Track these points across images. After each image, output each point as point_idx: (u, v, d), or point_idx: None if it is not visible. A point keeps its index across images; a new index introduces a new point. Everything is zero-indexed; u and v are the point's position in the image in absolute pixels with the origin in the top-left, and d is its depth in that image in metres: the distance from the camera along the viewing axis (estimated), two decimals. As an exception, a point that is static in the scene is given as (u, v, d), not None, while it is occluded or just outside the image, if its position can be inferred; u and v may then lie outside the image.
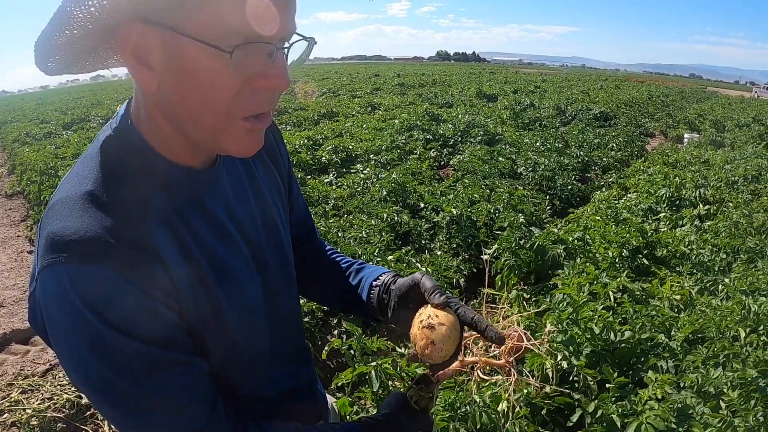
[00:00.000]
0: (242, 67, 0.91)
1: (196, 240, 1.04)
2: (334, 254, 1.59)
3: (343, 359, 4.15)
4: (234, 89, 0.92)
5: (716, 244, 5.43)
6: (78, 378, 0.94)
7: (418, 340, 1.17)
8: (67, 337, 0.90)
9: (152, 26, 0.88)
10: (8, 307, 5.80)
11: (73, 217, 0.89)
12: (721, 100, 30.59)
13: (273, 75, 0.94)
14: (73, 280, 0.86)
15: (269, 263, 1.23)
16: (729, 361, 3.28)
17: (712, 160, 10.31)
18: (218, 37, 0.87)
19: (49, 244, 0.88)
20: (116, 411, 0.96)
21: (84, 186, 0.94)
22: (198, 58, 0.89)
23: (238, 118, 0.95)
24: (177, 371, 0.96)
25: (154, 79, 0.92)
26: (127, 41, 0.90)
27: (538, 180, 8.70)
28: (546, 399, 3.14)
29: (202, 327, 1.03)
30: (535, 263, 5.18)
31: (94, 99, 32.70)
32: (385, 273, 1.42)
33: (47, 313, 0.90)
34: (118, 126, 1.04)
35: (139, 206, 0.96)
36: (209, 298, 1.04)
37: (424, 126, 13.32)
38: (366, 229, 5.90)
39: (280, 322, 1.28)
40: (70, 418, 3.84)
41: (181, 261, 0.99)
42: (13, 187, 10.97)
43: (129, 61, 0.92)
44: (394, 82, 35.20)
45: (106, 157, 0.99)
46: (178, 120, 0.98)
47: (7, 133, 19.16)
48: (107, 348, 0.89)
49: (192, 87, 0.92)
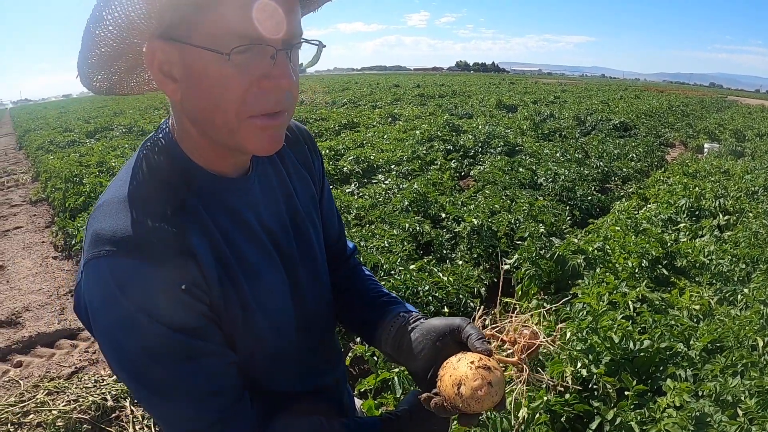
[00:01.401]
0: (246, 70, 0.99)
1: (227, 241, 1.12)
2: (369, 281, 1.58)
3: (366, 366, 4.20)
4: (240, 91, 1.00)
5: (736, 254, 5.41)
6: (115, 362, 1.03)
7: (468, 381, 1.08)
8: (106, 323, 0.99)
9: (170, 42, 0.98)
10: (34, 311, 5.93)
11: (117, 217, 1.00)
12: (742, 110, 30.19)
13: (276, 75, 1.01)
14: (114, 271, 0.96)
15: (299, 270, 1.29)
16: (747, 369, 3.29)
17: (732, 170, 10.21)
18: (220, 43, 0.96)
19: (94, 240, 0.99)
20: (148, 393, 1.04)
21: (127, 189, 1.05)
22: (205, 64, 0.98)
23: (247, 117, 1.02)
24: (206, 360, 1.05)
25: (178, 89, 1.03)
26: (153, 58, 1.00)
27: (558, 190, 8.70)
28: (566, 406, 3.19)
29: (231, 322, 1.11)
30: (556, 273, 5.21)
31: (116, 108, 32.95)
32: (414, 311, 1.40)
33: (90, 302, 1.00)
34: (158, 136, 1.14)
35: (175, 209, 1.05)
36: (238, 296, 1.12)
37: (445, 137, 13.33)
38: (388, 238, 5.95)
39: (310, 325, 1.33)
40: (95, 420, 3.92)
41: (212, 260, 1.07)
42: (38, 194, 11.15)
43: (156, 76, 1.02)
44: (414, 92, 35.18)
45: (147, 164, 1.10)
46: (200, 124, 1.07)
47: (31, 140, 19.50)
48: (142, 334, 0.97)
49: (203, 91, 1.01)
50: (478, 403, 1.08)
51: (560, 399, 3.19)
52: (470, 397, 1.08)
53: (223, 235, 1.12)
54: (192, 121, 1.09)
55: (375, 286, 1.57)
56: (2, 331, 5.46)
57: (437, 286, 4.94)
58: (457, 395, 1.09)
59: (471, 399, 1.08)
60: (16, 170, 15.49)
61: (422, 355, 1.26)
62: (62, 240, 7.87)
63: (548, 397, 3.16)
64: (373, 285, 1.57)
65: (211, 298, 1.06)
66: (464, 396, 1.08)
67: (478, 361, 1.11)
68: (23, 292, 6.46)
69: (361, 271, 1.63)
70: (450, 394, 1.10)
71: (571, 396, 3.21)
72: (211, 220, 1.11)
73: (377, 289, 1.55)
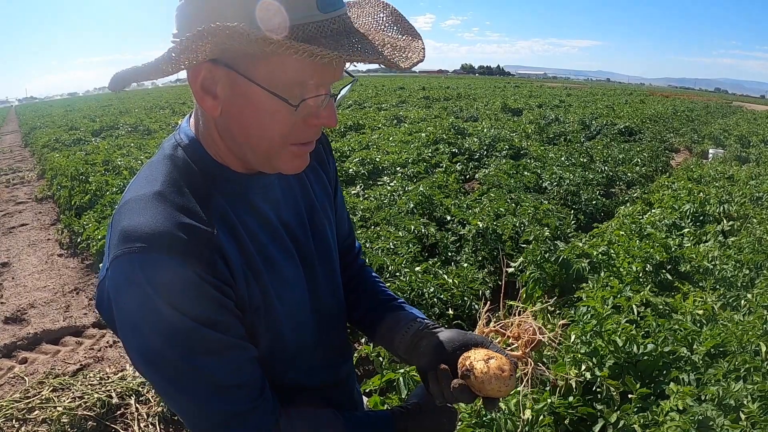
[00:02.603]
0: (299, 111, 1.04)
1: (251, 237, 1.15)
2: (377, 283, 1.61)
3: (371, 366, 4.21)
4: (289, 126, 1.06)
5: (739, 259, 5.40)
6: (137, 353, 1.04)
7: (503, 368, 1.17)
8: (132, 317, 1.01)
9: (221, 66, 1.00)
10: (39, 308, 5.96)
11: (145, 214, 1.01)
12: (747, 115, 30.14)
13: (325, 117, 1.08)
14: (144, 266, 0.97)
15: (316, 265, 1.33)
16: (750, 374, 3.30)
17: (737, 176, 10.21)
18: (281, 87, 0.99)
19: (124, 237, 0.99)
20: (172, 387, 1.07)
21: (154, 187, 1.07)
22: (262, 100, 1.01)
23: (288, 145, 1.09)
24: (230, 354, 1.07)
25: (218, 106, 1.05)
26: (197, 75, 1.02)
27: (563, 194, 8.72)
28: (569, 408, 3.20)
29: (254, 316, 1.14)
30: (560, 276, 5.22)
31: (122, 107, 33.05)
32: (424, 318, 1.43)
33: (116, 297, 1.01)
34: (180, 137, 1.17)
35: (202, 206, 1.08)
36: (260, 288, 1.14)
37: (450, 139, 13.33)
38: (393, 240, 5.97)
39: (325, 319, 1.36)
40: (100, 417, 3.94)
41: (238, 255, 1.10)
42: (43, 192, 11.21)
43: (197, 90, 1.04)
44: (419, 95, 35.14)
45: (173, 163, 1.12)
46: (236, 143, 1.10)
47: (37, 138, 19.58)
48: (169, 327, 0.99)
49: (253, 120, 1.05)
50: (503, 388, 1.16)
51: (564, 401, 3.21)
52: (497, 378, 1.15)
53: (247, 231, 1.15)
54: (223, 136, 1.12)
55: (383, 287, 1.60)
56: (8, 328, 5.49)
57: (442, 288, 4.96)
58: (486, 377, 1.15)
59: (498, 380, 1.15)
60: (21, 168, 15.58)
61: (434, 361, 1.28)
62: (68, 238, 7.90)
63: (552, 399, 3.17)
64: (381, 287, 1.60)
65: (237, 293, 1.09)
66: (492, 377, 1.15)
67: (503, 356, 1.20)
68: (28, 289, 6.50)
69: (368, 272, 1.66)
70: (480, 376, 1.16)
71: (575, 398, 3.23)
72: (236, 217, 1.13)
73: (385, 291, 1.58)
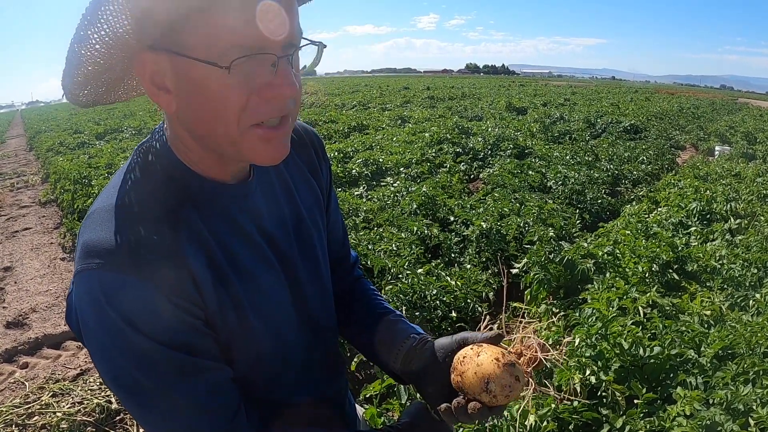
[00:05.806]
0: (246, 80, 0.94)
1: (220, 246, 1.08)
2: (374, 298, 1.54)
3: (371, 371, 4.19)
4: (241, 101, 0.95)
5: (747, 258, 5.36)
6: (108, 377, 1.00)
7: (497, 378, 1.10)
8: (98, 339, 0.96)
9: (160, 52, 0.93)
10: (41, 312, 5.94)
11: (107, 227, 0.96)
12: (753, 112, 30.01)
13: (278, 84, 0.96)
14: (104, 286, 0.92)
15: (301, 277, 1.26)
16: (759, 377, 3.25)
17: (744, 174, 10.15)
18: (216, 54, 0.91)
19: (85, 251, 0.95)
20: (141, 410, 1.02)
21: (118, 197, 1.01)
22: (203, 76, 0.93)
23: (249, 126, 0.98)
24: (201, 376, 1.01)
25: (173, 100, 0.98)
26: (144, 69, 0.96)
27: (567, 194, 8.65)
28: (574, 414, 3.15)
29: (227, 326, 1.07)
30: (565, 277, 5.16)
31: (126, 110, 33.08)
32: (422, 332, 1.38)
33: (81, 315, 0.97)
34: (152, 142, 1.11)
35: (169, 218, 1.01)
36: (231, 298, 1.08)
37: (454, 139, 13.27)
38: (396, 242, 5.92)
39: (314, 333, 1.31)
40: (99, 422, 3.93)
41: (204, 266, 1.03)
42: (47, 195, 11.20)
43: (148, 87, 0.98)
44: (423, 95, 35.11)
45: (141, 170, 1.06)
46: (198, 135, 1.03)
47: (42, 142, 19.73)
48: (135, 351, 0.94)
49: (202, 103, 0.96)
50: (507, 398, 1.11)
51: (568, 406, 3.16)
52: (500, 393, 1.11)
53: (217, 240, 1.08)
54: (189, 131, 1.05)
55: (378, 301, 1.53)
56: (9, 332, 5.46)
57: (445, 290, 4.91)
58: (486, 391, 1.11)
59: (501, 395, 1.11)
60: (26, 171, 15.59)
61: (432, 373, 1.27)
62: (70, 241, 7.88)
63: (556, 404, 3.12)
64: (376, 301, 1.53)
65: (206, 309, 1.03)
66: (495, 392, 1.11)
67: (502, 358, 1.13)
68: (31, 293, 6.47)
69: (364, 285, 1.59)
70: (477, 391, 1.12)
71: (580, 404, 3.17)
72: (206, 227, 1.07)
73: (380, 305, 1.51)
